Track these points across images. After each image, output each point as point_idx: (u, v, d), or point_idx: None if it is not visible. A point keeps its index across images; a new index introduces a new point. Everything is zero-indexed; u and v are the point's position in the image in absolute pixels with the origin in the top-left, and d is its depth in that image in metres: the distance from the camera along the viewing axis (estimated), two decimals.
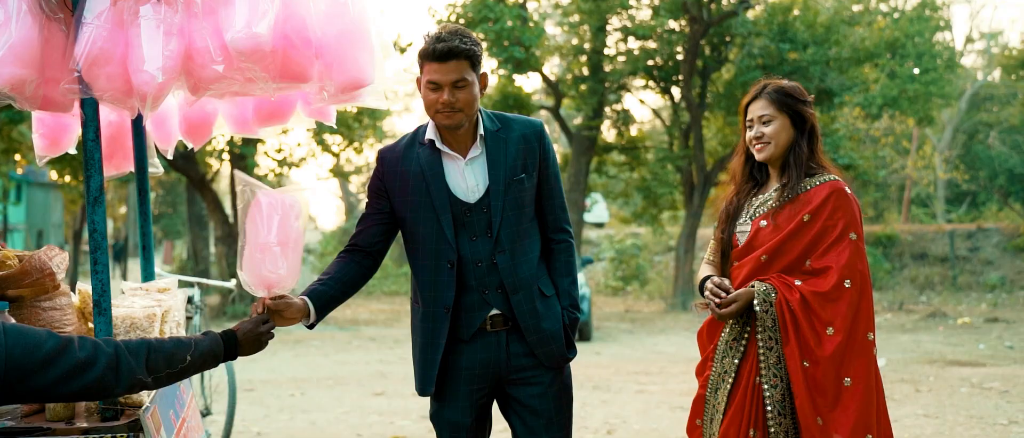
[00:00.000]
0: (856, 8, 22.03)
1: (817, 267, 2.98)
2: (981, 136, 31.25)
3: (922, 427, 6.75)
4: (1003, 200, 26.28)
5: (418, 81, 2.95)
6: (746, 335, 3.04)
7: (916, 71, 22.24)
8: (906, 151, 29.28)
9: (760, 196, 3.17)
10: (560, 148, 25.44)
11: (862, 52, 18.10)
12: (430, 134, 2.99)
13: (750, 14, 17.45)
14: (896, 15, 24.49)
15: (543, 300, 3.02)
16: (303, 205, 2.70)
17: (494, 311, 2.99)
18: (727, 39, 17.80)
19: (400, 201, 3.00)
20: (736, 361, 3.03)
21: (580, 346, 9.71)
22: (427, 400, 3.15)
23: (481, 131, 2.99)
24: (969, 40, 34.46)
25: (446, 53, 2.83)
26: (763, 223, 3.08)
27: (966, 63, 33.82)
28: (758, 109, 3.14)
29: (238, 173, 2.80)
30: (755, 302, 2.96)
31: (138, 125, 3.44)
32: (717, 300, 3.03)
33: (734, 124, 18.25)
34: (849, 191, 3.05)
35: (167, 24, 2.47)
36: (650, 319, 16.67)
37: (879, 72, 20.80)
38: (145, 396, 2.76)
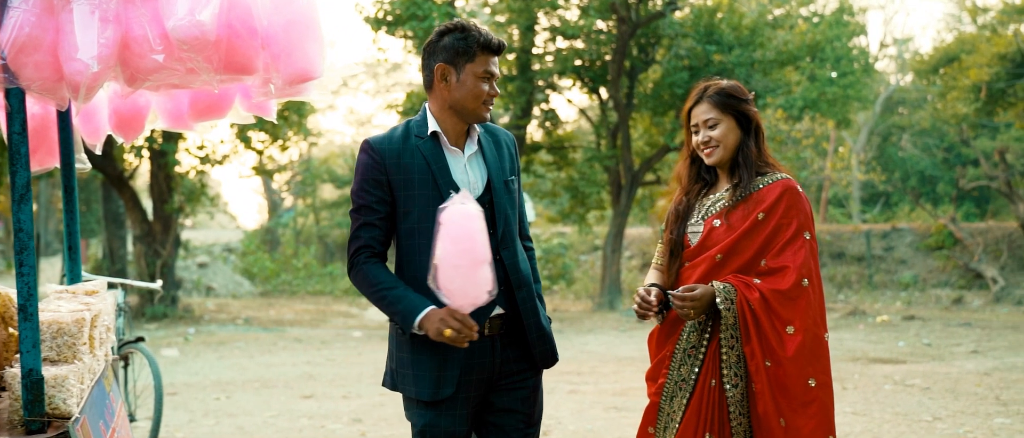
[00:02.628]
0: (778, 12, 22.43)
1: (773, 266, 2.96)
2: (894, 139, 32.22)
3: (851, 425, 6.87)
4: (915, 201, 27.07)
5: (443, 69, 2.84)
6: (705, 342, 3.00)
7: (834, 75, 22.78)
8: (825, 152, 30.00)
9: (711, 196, 3.15)
10: None
11: (785, 55, 18.44)
12: (434, 126, 2.90)
13: (677, 15, 17.63)
14: (816, 20, 25.05)
15: (538, 299, 3.02)
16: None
17: (496, 311, 2.91)
18: (655, 40, 17.95)
19: (404, 195, 2.87)
20: (696, 369, 3.00)
21: None
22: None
23: (478, 130, 2.97)
24: (883, 45, 35.51)
25: (502, 46, 2.85)
26: (717, 223, 3.06)
27: (880, 67, 34.87)
28: (702, 113, 3.11)
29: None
30: (717, 300, 2.93)
31: (65, 118, 3.25)
32: (676, 296, 2.97)
33: (661, 125, 18.40)
34: (800, 190, 3.05)
35: (102, 10, 2.32)
36: (578, 319, 16.72)
37: (800, 75, 21.24)
38: (74, 407, 2.60)
